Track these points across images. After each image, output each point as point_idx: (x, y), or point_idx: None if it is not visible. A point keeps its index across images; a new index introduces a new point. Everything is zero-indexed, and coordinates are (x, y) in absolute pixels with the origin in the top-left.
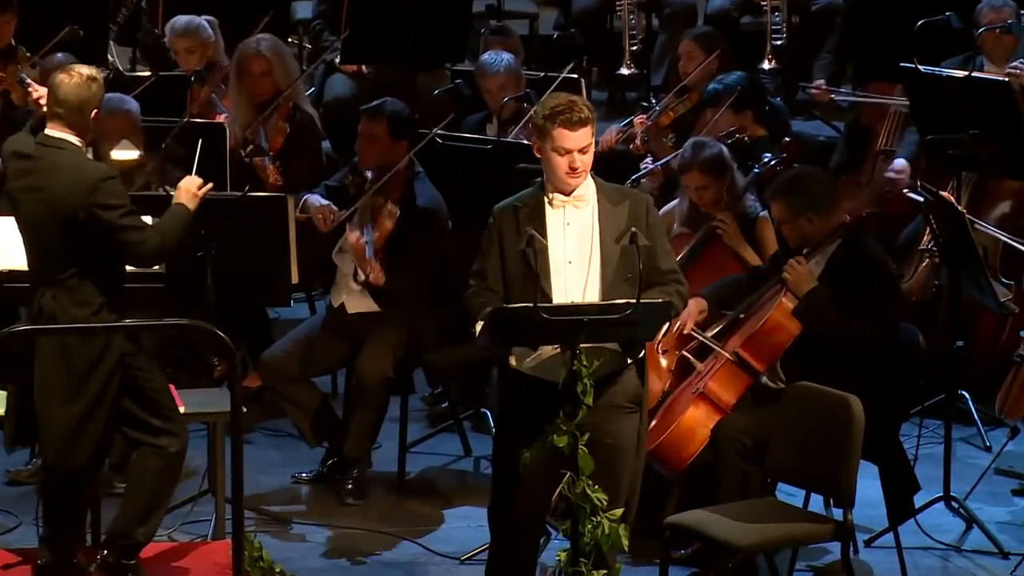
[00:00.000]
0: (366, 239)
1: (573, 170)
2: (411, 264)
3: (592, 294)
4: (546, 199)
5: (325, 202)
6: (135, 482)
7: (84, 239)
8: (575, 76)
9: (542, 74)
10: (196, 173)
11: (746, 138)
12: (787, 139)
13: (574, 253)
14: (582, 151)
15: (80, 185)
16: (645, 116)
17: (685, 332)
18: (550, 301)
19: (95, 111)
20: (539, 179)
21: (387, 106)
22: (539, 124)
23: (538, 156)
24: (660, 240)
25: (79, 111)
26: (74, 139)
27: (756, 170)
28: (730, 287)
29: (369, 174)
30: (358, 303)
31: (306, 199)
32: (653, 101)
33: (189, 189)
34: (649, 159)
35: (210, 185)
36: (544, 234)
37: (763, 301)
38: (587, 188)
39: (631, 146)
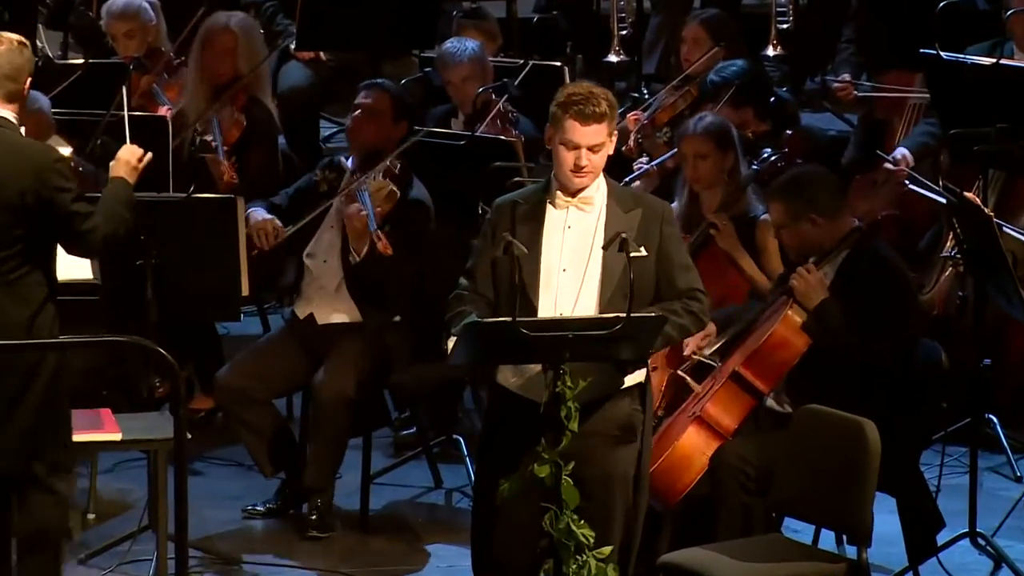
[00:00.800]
0: (366, 210)
1: (579, 168)
2: (403, 260)
3: (585, 307)
4: (548, 197)
5: (267, 216)
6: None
7: (28, 227)
8: (558, 64)
9: (521, 61)
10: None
11: (749, 134)
12: (789, 132)
13: (570, 260)
14: (592, 149)
15: (28, 167)
16: (640, 111)
17: (685, 353)
18: (535, 313)
19: (28, 80)
20: (547, 177)
21: (389, 84)
22: (552, 111)
23: (548, 145)
24: (677, 254)
25: (13, 79)
26: (10, 115)
27: (755, 167)
28: (736, 313)
29: (349, 162)
30: (329, 312)
31: (246, 213)
32: (645, 92)
33: (129, 161)
34: (644, 159)
35: (150, 155)
36: (539, 236)
37: (767, 314)
38: (596, 190)
39: (623, 148)
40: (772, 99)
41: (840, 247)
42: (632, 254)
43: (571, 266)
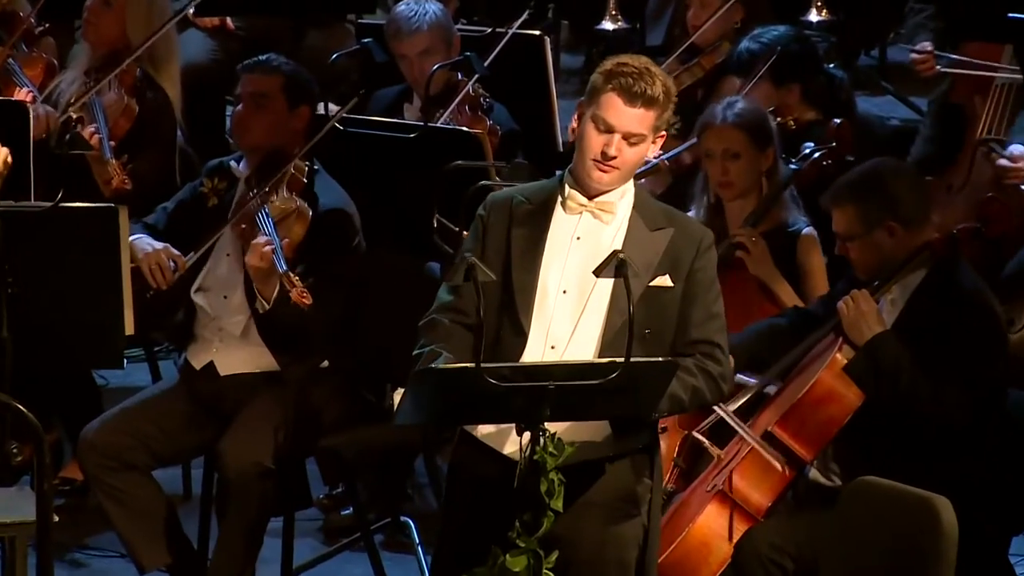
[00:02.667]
0: (273, 245)
1: (606, 158)
2: (323, 293)
3: (584, 342)
4: (559, 197)
5: (157, 244)
6: None
7: None
8: (536, 33)
9: (488, 30)
10: None
11: (791, 122)
12: (837, 121)
13: (573, 280)
14: (629, 139)
15: None
16: None
17: None
18: (524, 340)
19: None
20: (562, 172)
21: (278, 60)
22: (593, 80)
23: (574, 123)
24: (705, 297)
25: None
26: None
27: (793, 166)
28: (765, 338)
29: (242, 167)
30: (235, 360)
31: (131, 242)
32: None
33: None
34: (659, 153)
35: (6, 152)
36: (540, 244)
37: (809, 358)
38: (620, 198)
39: None
40: (822, 78)
41: (909, 266)
42: (633, 277)
43: (573, 287)
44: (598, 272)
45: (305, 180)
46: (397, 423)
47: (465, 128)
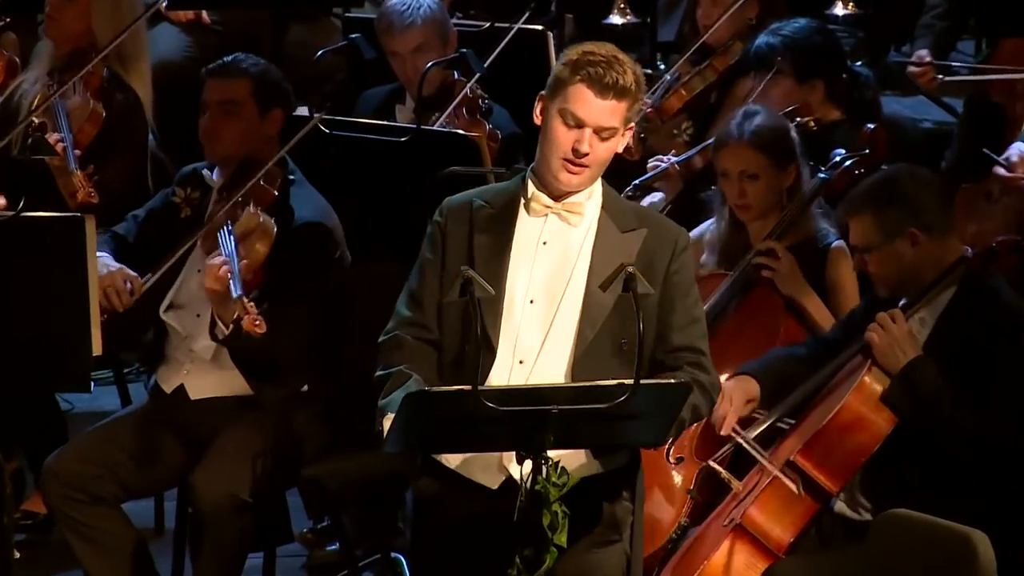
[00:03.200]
0: (230, 266)
1: (577, 155)
2: (296, 315)
3: (554, 357)
4: (522, 200)
5: (113, 265)
6: None
7: None
8: (539, 28)
9: (486, 25)
10: None
11: (812, 123)
12: (871, 126)
13: (541, 289)
14: (601, 134)
15: None
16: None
17: (722, 432)
18: (492, 358)
19: None
20: (523, 172)
21: (247, 62)
22: (557, 72)
23: (536, 120)
24: (684, 300)
25: None
26: None
27: (823, 175)
28: (792, 362)
29: (216, 175)
30: (207, 383)
31: None
32: (662, 67)
33: None
34: (664, 158)
35: None
36: (506, 252)
37: (835, 382)
38: (588, 198)
39: (622, 149)
40: (847, 76)
41: (941, 283)
42: (642, 291)
43: (541, 297)
44: (604, 286)
45: (276, 193)
46: (386, 451)
47: (460, 132)
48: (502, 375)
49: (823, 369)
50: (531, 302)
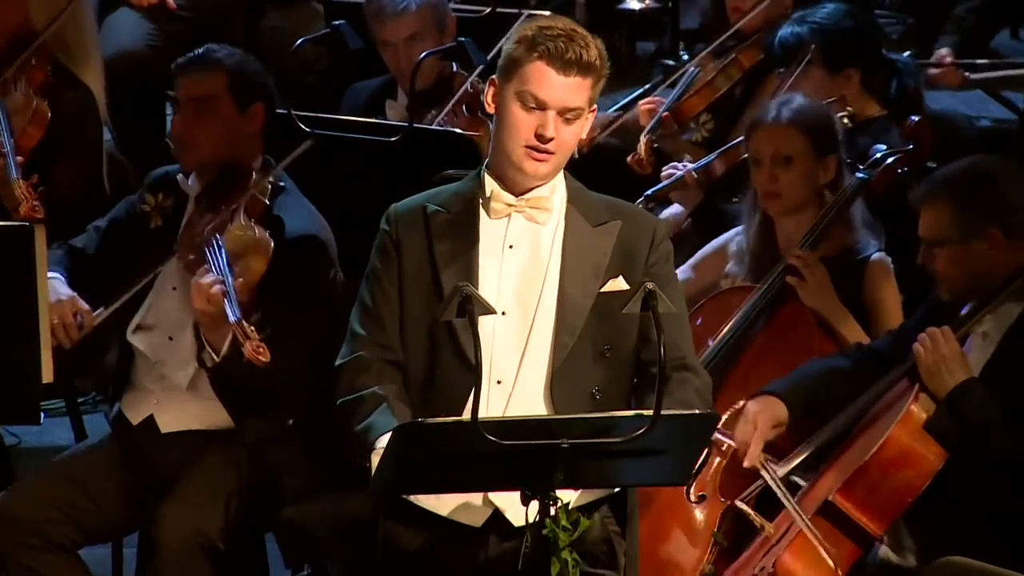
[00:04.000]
0: (224, 286)
1: (542, 141)
2: (292, 341)
3: (534, 373)
4: (480, 200)
5: (63, 293)
6: None
7: None
8: (546, 14)
9: (487, 10)
10: None
11: (846, 118)
12: (915, 118)
13: (512, 298)
14: (566, 116)
15: None
16: (655, 97)
17: (747, 463)
18: (478, 386)
19: None
20: (477, 169)
21: (220, 53)
22: (508, 52)
23: (489, 111)
24: (666, 294)
25: None
26: None
27: (861, 174)
28: (821, 383)
29: (192, 181)
30: (181, 415)
31: None
32: (684, 58)
33: None
34: (680, 165)
35: None
36: (472, 261)
37: (879, 408)
38: (552, 192)
39: (632, 158)
40: (886, 65)
41: (1013, 292)
42: (664, 311)
43: (513, 308)
44: (625, 309)
45: (267, 201)
46: (374, 491)
47: (459, 131)
48: (480, 399)
49: (866, 393)
50: (503, 314)
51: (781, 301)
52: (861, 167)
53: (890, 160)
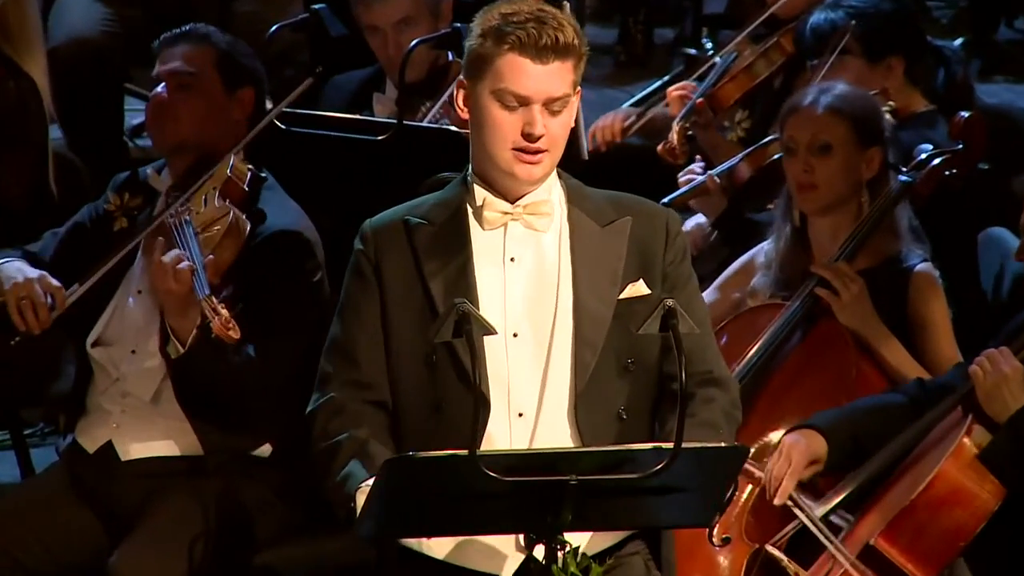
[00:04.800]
0: (193, 262)
1: (531, 140)
2: (273, 346)
3: (558, 401)
4: (470, 210)
5: (30, 272)
6: None
7: None
8: None
9: None
10: None
11: (888, 113)
12: (965, 114)
13: (523, 317)
14: (551, 107)
15: None
16: (689, 82)
17: (777, 501)
18: (486, 417)
19: None
20: (462, 175)
21: (207, 29)
22: (474, 48)
23: (462, 115)
24: (683, 293)
25: None
26: None
27: (904, 177)
28: (874, 417)
29: (164, 176)
30: (143, 440)
31: None
32: (708, 47)
33: None
34: (699, 165)
35: None
36: (467, 279)
37: (928, 442)
38: (550, 192)
39: (663, 147)
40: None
41: None
42: (685, 330)
43: (525, 327)
44: (640, 328)
45: (247, 188)
46: (360, 536)
47: (454, 128)
48: (501, 434)
49: (915, 423)
50: (514, 336)
51: (814, 320)
52: (905, 169)
53: (936, 161)
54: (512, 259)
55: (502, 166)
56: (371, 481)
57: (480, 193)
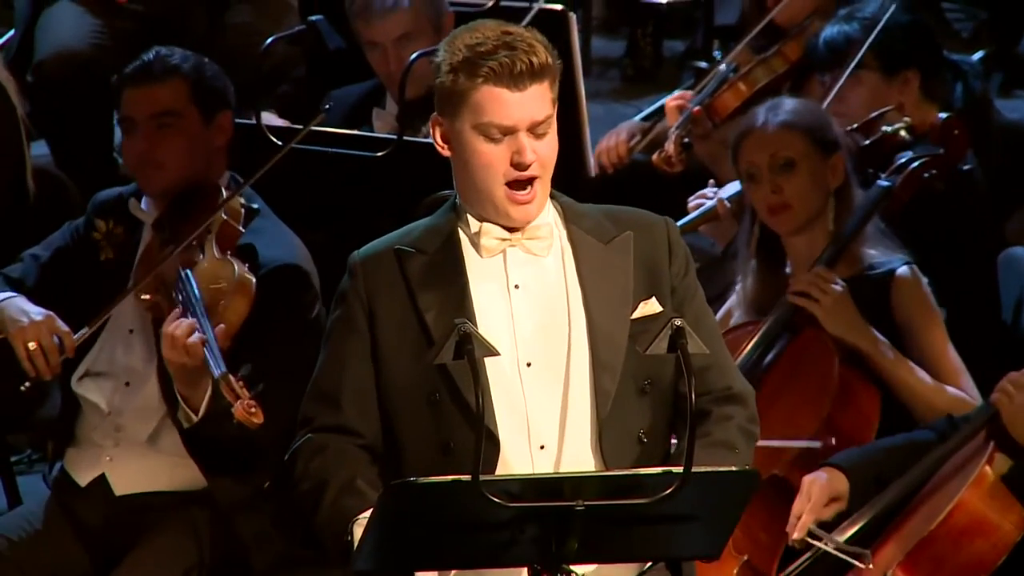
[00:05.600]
0: (202, 334)
1: (521, 169)
2: (277, 390)
3: (581, 430)
4: (464, 237)
5: (35, 312)
6: None
7: None
8: (558, 8)
9: (490, 3)
10: None
11: (904, 129)
12: (944, 116)
13: (535, 346)
14: (535, 130)
15: None
16: (688, 91)
17: (796, 536)
18: (496, 454)
19: None
20: (449, 201)
21: (173, 57)
22: (445, 84)
23: (442, 152)
24: (691, 303)
25: None
26: None
27: (883, 182)
28: (898, 455)
29: (144, 204)
30: (139, 474)
31: None
32: (718, 57)
33: None
34: (711, 190)
35: None
36: (468, 306)
37: (947, 470)
38: (547, 213)
39: (659, 156)
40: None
41: None
42: (695, 350)
43: (538, 355)
44: (647, 348)
45: (241, 228)
46: (356, 569)
47: None
48: (523, 468)
49: (934, 451)
50: (528, 365)
51: (797, 331)
52: (883, 174)
53: (915, 165)
54: (517, 286)
55: (496, 204)
56: (368, 513)
57: (474, 221)
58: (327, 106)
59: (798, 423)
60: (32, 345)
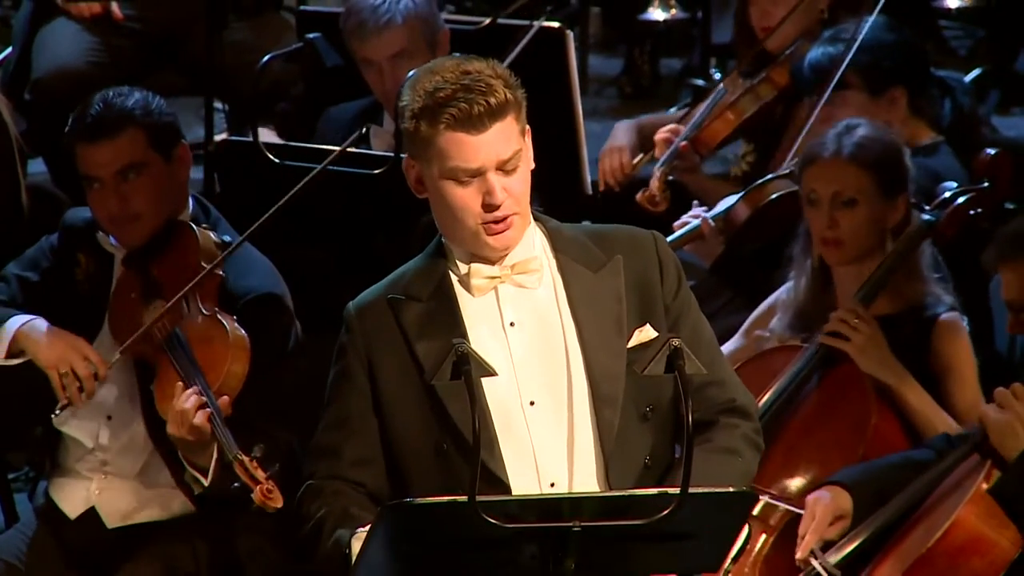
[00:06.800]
0: (209, 407)
1: (491, 210)
2: (265, 428)
3: (585, 466)
4: (454, 277)
5: (66, 337)
6: None
7: None
8: (555, 26)
9: (486, 21)
10: None
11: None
12: (991, 151)
13: (536, 384)
14: (504, 167)
15: None
16: (675, 124)
17: (799, 555)
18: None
19: None
20: (434, 242)
21: (120, 102)
22: (409, 129)
23: (418, 194)
24: (687, 318)
25: None
26: None
27: (927, 216)
28: (899, 473)
29: (113, 239)
30: (131, 506)
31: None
32: (717, 76)
33: None
34: (700, 210)
35: None
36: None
37: (944, 488)
38: (532, 244)
39: (642, 195)
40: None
41: None
42: (692, 371)
43: (542, 394)
44: (645, 369)
45: (221, 273)
46: None
47: None
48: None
49: (930, 469)
50: (531, 404)
51: (833, 363)
52: (927, 207)
53: (961, 200)
54: (512, 324)
55: (474, 242)
56: (367, 528)
57: (462, 261)
58: (364, 130)
59: (831, 461)
60: (66, 372)
